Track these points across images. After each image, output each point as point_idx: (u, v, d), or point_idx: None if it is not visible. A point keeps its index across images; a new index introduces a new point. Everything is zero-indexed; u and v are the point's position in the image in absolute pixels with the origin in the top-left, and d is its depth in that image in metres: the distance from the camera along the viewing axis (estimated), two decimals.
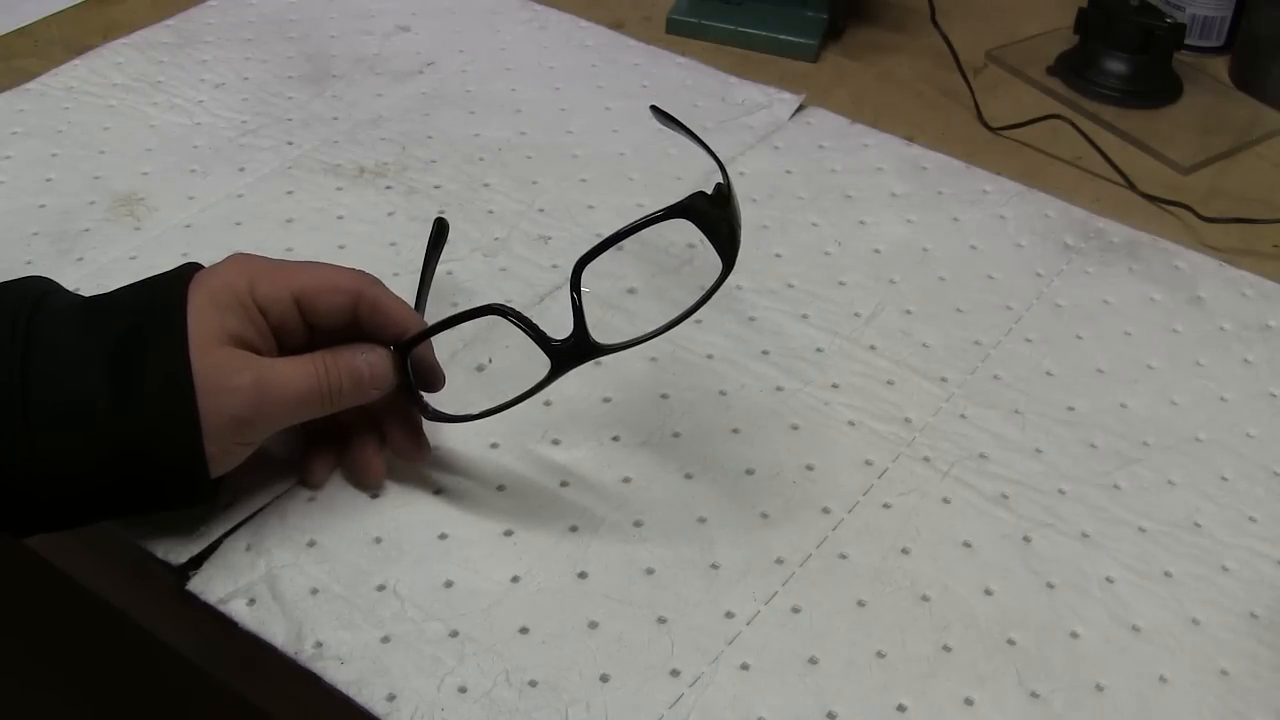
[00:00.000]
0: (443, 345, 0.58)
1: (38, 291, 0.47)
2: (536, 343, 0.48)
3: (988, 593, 0.50)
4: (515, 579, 0.50)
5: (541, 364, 0.49)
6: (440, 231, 0.61)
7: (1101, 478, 0.55)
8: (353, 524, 0.51)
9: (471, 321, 0.49)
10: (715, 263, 0.49)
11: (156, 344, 0.46)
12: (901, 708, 0.46)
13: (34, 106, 0.73)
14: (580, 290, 0.48)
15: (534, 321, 0.48)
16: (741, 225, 0.50)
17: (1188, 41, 0.82)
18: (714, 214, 0.49)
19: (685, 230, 0.48)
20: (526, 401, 0.56)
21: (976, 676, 0.47)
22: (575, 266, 0.48)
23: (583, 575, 0.50)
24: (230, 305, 0.47)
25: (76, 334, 0.46)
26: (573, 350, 0.49)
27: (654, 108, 0.59)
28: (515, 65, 0.80)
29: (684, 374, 0.59)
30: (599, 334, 0.48)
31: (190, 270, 0.49)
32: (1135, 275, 0.66)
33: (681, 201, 0.48)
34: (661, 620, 0.49)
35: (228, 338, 0.47)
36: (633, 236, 0.48)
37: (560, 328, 0.48)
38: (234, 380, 0.46)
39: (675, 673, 0.47)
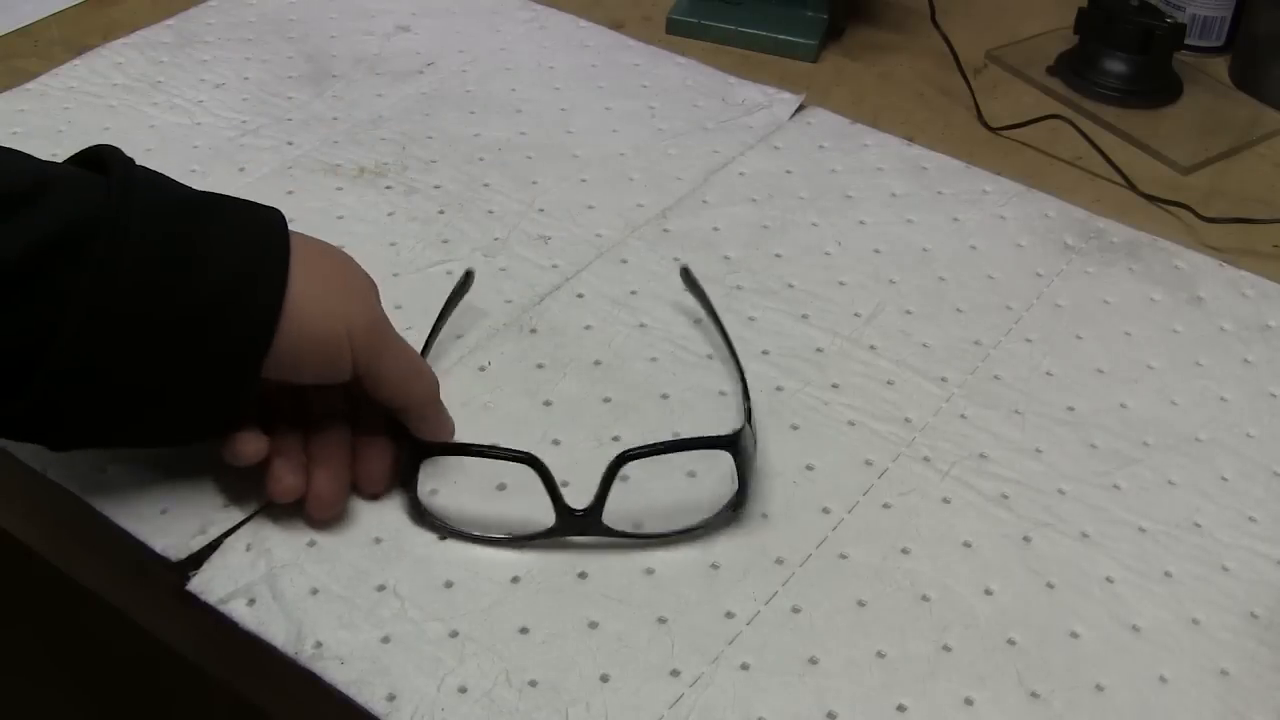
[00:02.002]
0: (449, 353, 0.59)
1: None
2: (554, 505, 0.49)
3: (988, 593, 0.50)
4: (515, 579, 0.50)
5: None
6: (466, 281, 0.61)
7: (1101, 478, 0.55)
8: (353, 524, 0.51)
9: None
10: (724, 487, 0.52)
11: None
12: (901, 708, 0.46)
13: (34, 106, 0.73)
14: (616, 477, 0.49)
15: (558, 485, 0.49)
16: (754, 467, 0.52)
17: (1188, 41, 0.82)
18: (751, 451, 0.52)
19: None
20: (526, 402, 0.57)
21: (976, 676, 0.47)
22: (621, 456, 0.49)
23: (583, 575, 0.50)
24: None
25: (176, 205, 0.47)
26: (582, 523, 0.50)
27: (684, 271, 0.62)
28: (515, 65, 0.80)
29: (684, 374, 0.59)
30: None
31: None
32: (1135, 275, 0.66)
33: (731, 436, 0.51)
34: (661, 620, 0.48)
35: None
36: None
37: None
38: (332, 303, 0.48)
39: (675, 673, 0.47)
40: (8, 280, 0.42)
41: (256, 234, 0.48)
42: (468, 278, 0.61)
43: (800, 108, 0.77)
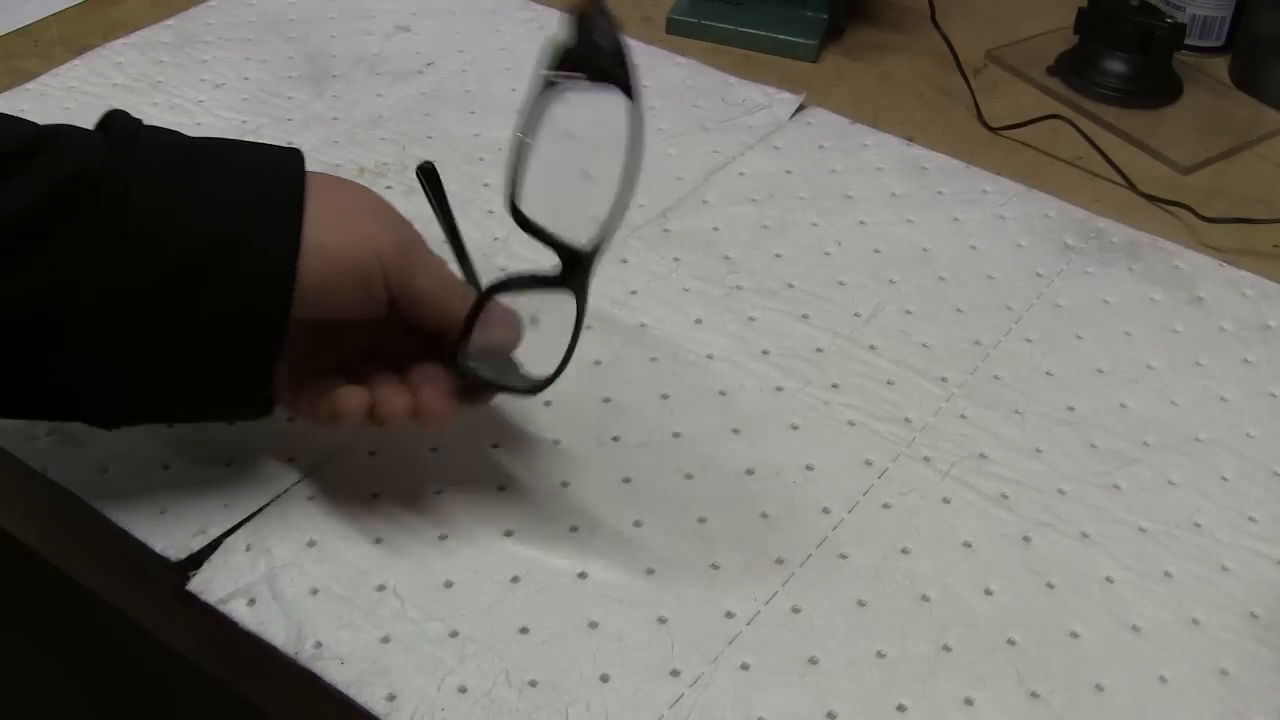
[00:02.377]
0: None
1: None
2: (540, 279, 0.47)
3: (988, 593, 0.50)
4: (515, 579, 0.50)
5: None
6: (430, 178, 0.56)
7: (1101, 478, 0.55)
8: (353, 524, 0.51)
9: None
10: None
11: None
12: (901, 708, 0.46)
13: (34, 106, 0.73)
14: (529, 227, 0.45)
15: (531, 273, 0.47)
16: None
17: (1188, 41, 0.82)
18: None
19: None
20: (526, 402, 0.57)
21: (976, 676, 0.47)
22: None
23: (583, 575, 0.50)
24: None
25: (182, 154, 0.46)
26: (570, 263, 0.46)
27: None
28: (515, 65, 0.80)
29: (684, 374, 0.59)
30: None
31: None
32: (1135, 275, 0.66)
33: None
34: (661, 620, 0.49)
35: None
36: None
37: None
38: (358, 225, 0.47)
39: (675, 673, 0.47)
40: (22, 234, 0.42)
41: (271, 167, 0.47)
42: (429, 173, 0.56)
43: (800, 108, 0.77)
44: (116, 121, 0.46)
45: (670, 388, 0.58)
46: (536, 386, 0.49)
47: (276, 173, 0.47)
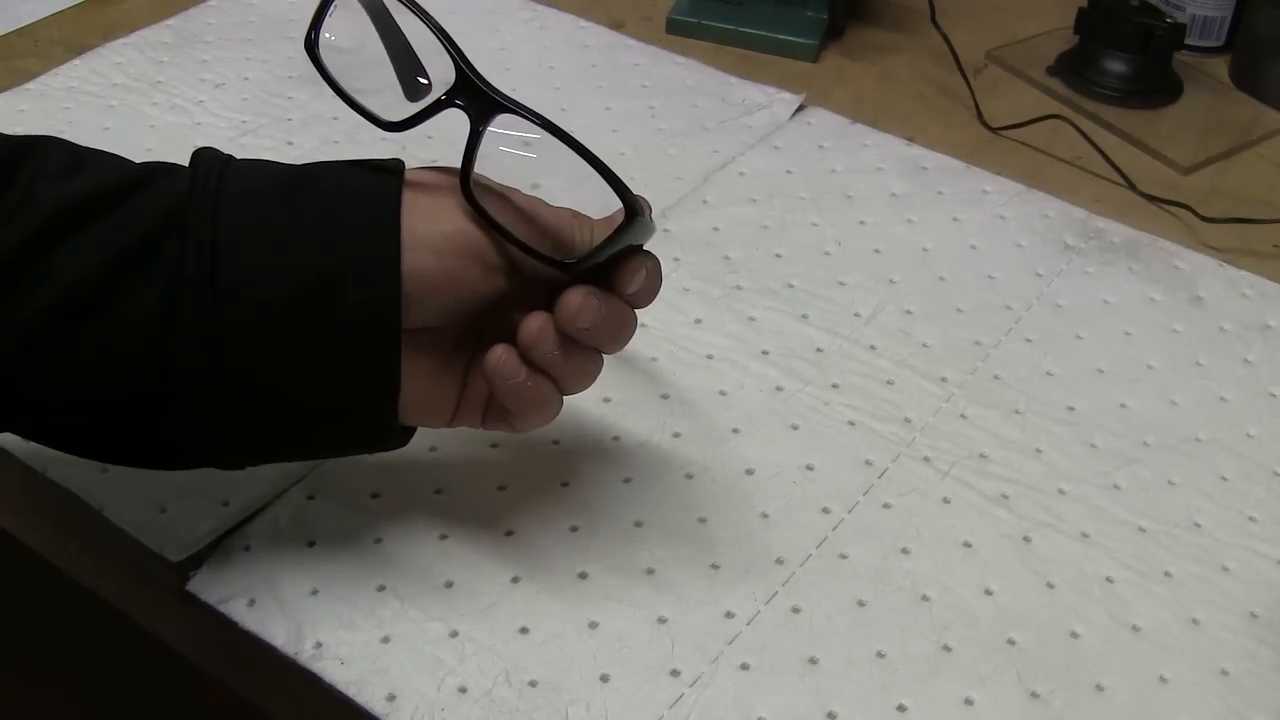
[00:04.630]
0: None
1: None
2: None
3: (988, 593, 0.50)
4: (515, 579, 0.50)
5: None
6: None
7: (1101, 478, 0.55)
8: (353, 524, 0.51)
9: None
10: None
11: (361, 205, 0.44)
12: (901, 708, 0.46)
13: (34, 106, 0.73)
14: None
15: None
16: None
17: (1188, 41, 0.82)
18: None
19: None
20: None
21: (976, 676, 0.47)
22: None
23: (583, 575, 0.50)
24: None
25: (274, 188, 0.44)
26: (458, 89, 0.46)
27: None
28: (515, 65, 0.80)
29: (684, 374, 0.59)
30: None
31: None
32: (1135, 275, 0.66)
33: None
34: (661, 620, 0.49)
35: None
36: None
37: None
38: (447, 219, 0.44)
39: (675, 673, 0.47)
40: (119, 277, 0.41)
41: (363, 191, 0.45)
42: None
43: (800, 108, 0.77)
44: (204, 159, 0.45)
45: (670, 388, 0.58)
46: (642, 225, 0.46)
47: (368, 196, 0.45)
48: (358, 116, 0.49)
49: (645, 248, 0.47)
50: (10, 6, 0.81)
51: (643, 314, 0.62)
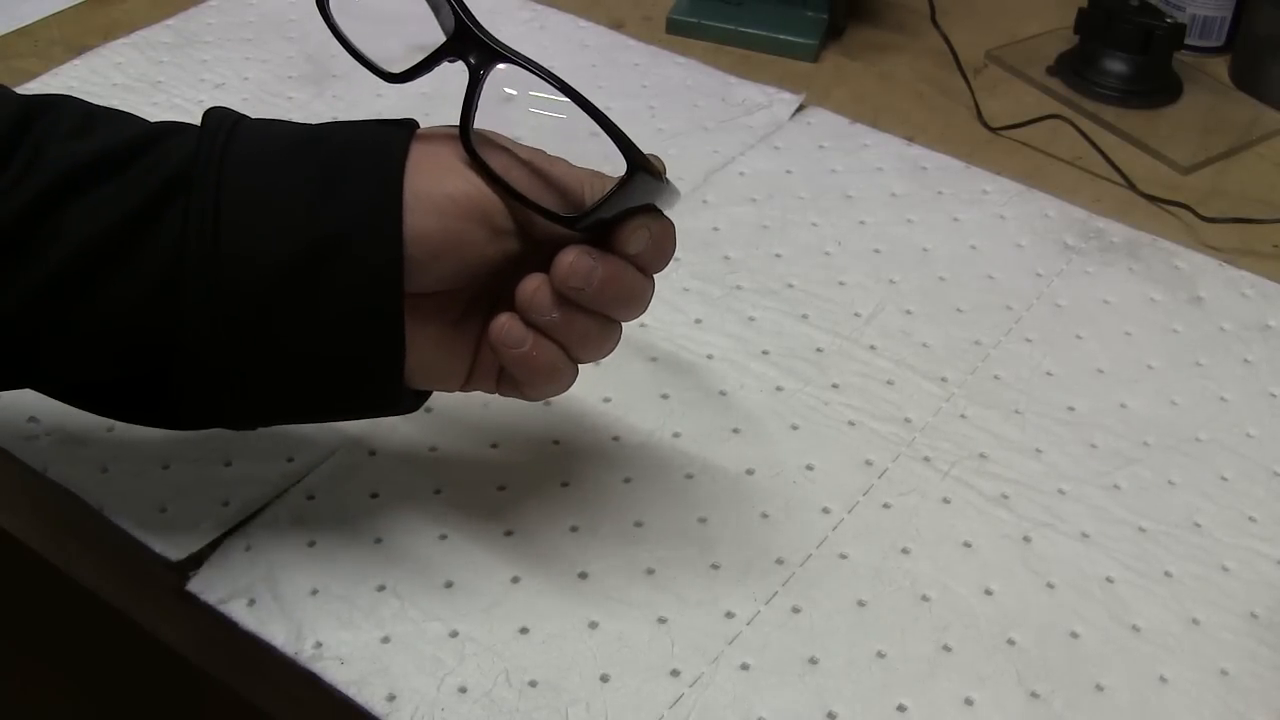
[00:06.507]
0: None
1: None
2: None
3: (988, 593, 0.50)
4: (515, 579, 0.50)
5: None
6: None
7: (1101, 478, 0.55)
8: (353, 524, 0.51)
9: None
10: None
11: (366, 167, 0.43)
12: (901, 708, 0.46)
13: None
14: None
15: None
16: None
17: (1188, 41, 0.82)
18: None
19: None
20: (526, 402, 0.56)
21: (976, 676, 0.47)
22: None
23: (583, 575, 0.50)
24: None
25: (282, 148, 0.44)
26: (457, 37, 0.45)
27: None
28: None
29: (684, 374, 0.59)
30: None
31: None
32: (1135, 275, 0.66)
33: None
34: (661, 620, 0.49)
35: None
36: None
37: None
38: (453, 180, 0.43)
39: (675, 673, 0.47)
40: (126, 236, 0.41)
41: (369, 150, 0.44)
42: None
43: (800, 108, 0.77)
44: (214, 118, 0.44)
45: (670, 388, 0.58)
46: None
47: (374, 156, 0.44)
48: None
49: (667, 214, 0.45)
50: (10, 6, 0.81)
51: (643, 314, 0.62)
